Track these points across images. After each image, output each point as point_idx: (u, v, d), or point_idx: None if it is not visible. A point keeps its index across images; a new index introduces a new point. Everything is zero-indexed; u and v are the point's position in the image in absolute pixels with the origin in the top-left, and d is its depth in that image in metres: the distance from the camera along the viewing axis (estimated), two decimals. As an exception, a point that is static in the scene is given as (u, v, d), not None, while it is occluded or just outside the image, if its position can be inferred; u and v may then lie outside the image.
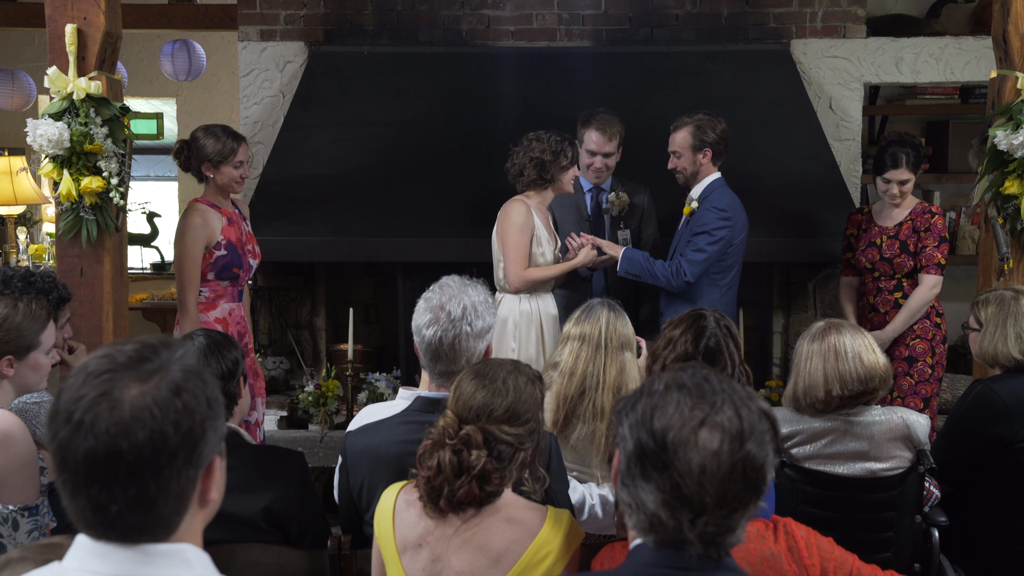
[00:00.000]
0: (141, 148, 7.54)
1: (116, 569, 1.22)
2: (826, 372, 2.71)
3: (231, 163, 3.87)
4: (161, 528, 1.24)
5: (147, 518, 1.22)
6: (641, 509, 1.40)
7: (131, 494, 1.20)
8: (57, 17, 3.56)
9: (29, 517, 2.43)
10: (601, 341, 2.82)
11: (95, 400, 1.20)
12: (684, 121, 4.13)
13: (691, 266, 4.01)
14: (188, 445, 1.22)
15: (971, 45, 5.40)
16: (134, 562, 1.22)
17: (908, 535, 2.87)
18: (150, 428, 1.19)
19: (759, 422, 1.40)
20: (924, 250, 4.19)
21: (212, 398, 1.26)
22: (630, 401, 1.45)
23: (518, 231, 3.97)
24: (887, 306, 4.28)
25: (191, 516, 1.27)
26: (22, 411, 2.71)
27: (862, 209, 4.47)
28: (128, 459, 1.18)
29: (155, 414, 1.20)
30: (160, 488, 1.21)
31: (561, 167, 3.99)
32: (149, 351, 1.25)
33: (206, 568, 1.28)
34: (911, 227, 4.23)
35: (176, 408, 1.21)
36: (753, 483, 1.38)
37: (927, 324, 4.22)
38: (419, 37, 5.51)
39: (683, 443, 1.37)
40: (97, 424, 1.19)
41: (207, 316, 3.86)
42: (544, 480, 2.22)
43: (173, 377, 1.23)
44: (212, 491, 1.29)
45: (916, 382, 4.20)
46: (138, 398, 1.20)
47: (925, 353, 4.21)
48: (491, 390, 2.07)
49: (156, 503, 1.21)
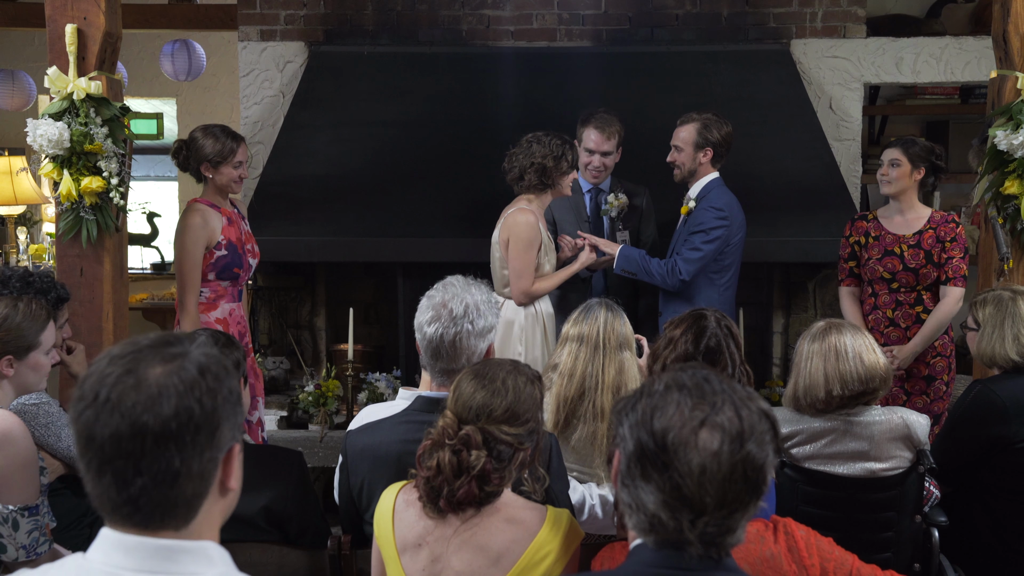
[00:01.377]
0: (141, 148, 7.54)
1: (140, 564, 1.24)
2: (827, 372, 2.70)
3: (230, 163, 3.85)
4: (182, 510, 1.25)
5: (169, 494, 1.23)
6: (641, 509, 1.40)
7: (156, 468, 1.21)
8: (57, 17, 3.56)
9: (29, 517, 2.43)
10: (599, 341, 2.81)
11: (120, 377, 1.22)
12: (692, 117, 4.11)
13: (687, 264, 4.00)
14: (211, 424, 1.24)
15: (971, 45, 5.40)
16: (158, 557, 1.24)
17: (908, 535, 2.87)
18: (176, 403, 1.22)
19: (759, 422, 1.40)
20: (950, 261, 3.97)
21: (232, 387, 1.29)
22: (630, 401, 1.45)
23: (526, 247, 3.92)
24: (908, 320, 4.05)
25: (211, 503, 1.28)
26: (21, 412, 2.71)
27: (866, 215, 4.20)
28: (154, 432, 1.21)
29: (180, 391, 1.22)
30: (183, 463, 1.23)
31: (562, 172, 3.97)
32: (171, 338, 1.29)
33: (227, 566, 1.29)
34: (934, 236, 4.01)
35: (200, 387, 1.24)
36: (753, 483, 1.38)
37: (945, 339, 4.05)
38: (419, 37, 5.51)
39: (683, 444, 1.37)
40: (124, 400, 1.21)
41: (207, 316, 3.86)
42: (544, 480, 2.22)
43: (197, 359, 1.26)
44: (232, 479, 1.31)
45: (931, 400, 4.04)
46: (163, 376, 1.23)
47: (943, 371, 4.05)
48: (490, 390, 2.07)
49: (179, 479, 1.23)
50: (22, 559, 2.42)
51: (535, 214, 3.97)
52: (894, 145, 4.09)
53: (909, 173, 4.03)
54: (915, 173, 4.04)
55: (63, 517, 2.77)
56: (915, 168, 4.04)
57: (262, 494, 2.45)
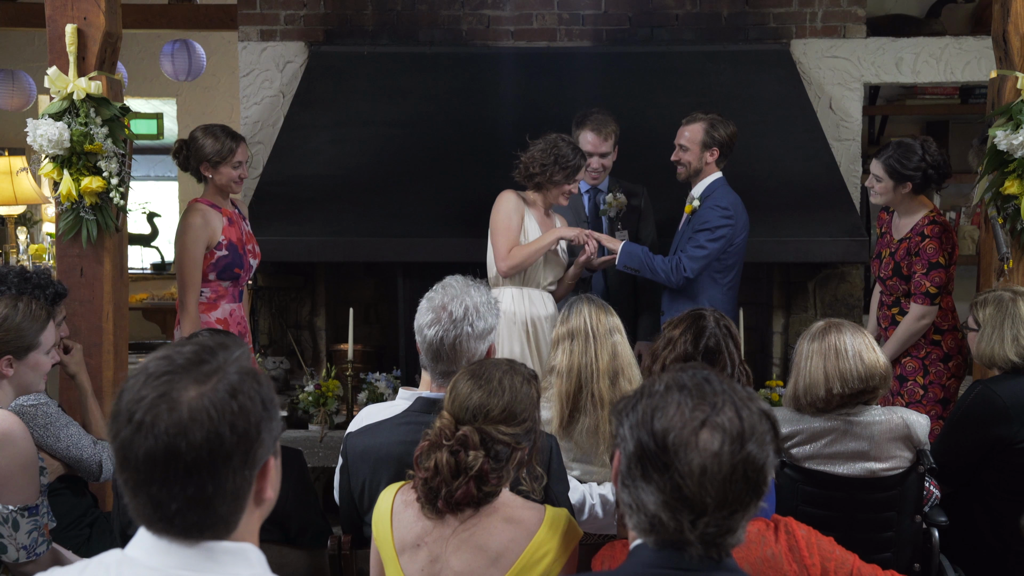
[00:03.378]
0: (141, 148, 7.54)
1: (181, 562, 1.26)
2: (827, 371, 2.70)
3: (230, 163, 3.85)
4: (221, 526, 1.28)
5: (205, 516, 1.26)
6: (642, 510, 1.40)
7: (189, 493, 1.23)
8: (57, 17, 3.56)
9: (29, 517, 2.43)
10: (588, 331, 2.84)
11: (155, 401, 1.24)
12: (698, 117, 4.09)
13: (691, 262, 3.99)
14: (244, 446, 1.26)
15: (971, 45, 5.39)
16: (199, 557, 1.26)
17: (908, 535, 2.87)
18: (207, 429, 1.23)
19: (760, 423, 1.40)
20: (913, 276, 3.85)
21: (267, 399, 1.30)
22: (631, 402, 1.45)
23: (505, 216, 3.96)
24: (886, 321, 4.02)
25: (248, 514, 1.31)
26: (20, 413, 2.71)
27: (888, 208, 4.07)
28: (186, 459, 1.22)
29: (212, 415, 1.24)
30: (217, 487, 1.25)
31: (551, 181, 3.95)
32: (207, 353, 1.29)
33: (264, 568, 1.33)
34: (907, 247, 3.88)
35: (232, 410, 1.25)
36: (754, 484, 1.38)
37: (922, 342, 3.88)
38: (419, 37, 5.51)
39: (684, 444, 1.37)
40: (157, 424, 1.23)
41: (208, 316, 3.86)
42: (542, 478, 2.22)
43: (230, 379, 1.27)
44: (268, 490, 1.33)
45: (907, 403, 3.85)
46: (196, 400, 1.24)
47: (916, 372, 3.90)
48: (487, 390, 2.07)
49: (213, 502, 1.25)
50: (22, 559, 2.42)
51: (518, 194, 4.01)
52: (879, 156, 3.91)
53: (892, 188, 3.88)
54: (900, 188, 3.87)
55: (63, 517, 2.77)
56: (898, 183, 3.86)
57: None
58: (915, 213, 3.93)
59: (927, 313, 3.84)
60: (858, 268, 5.29)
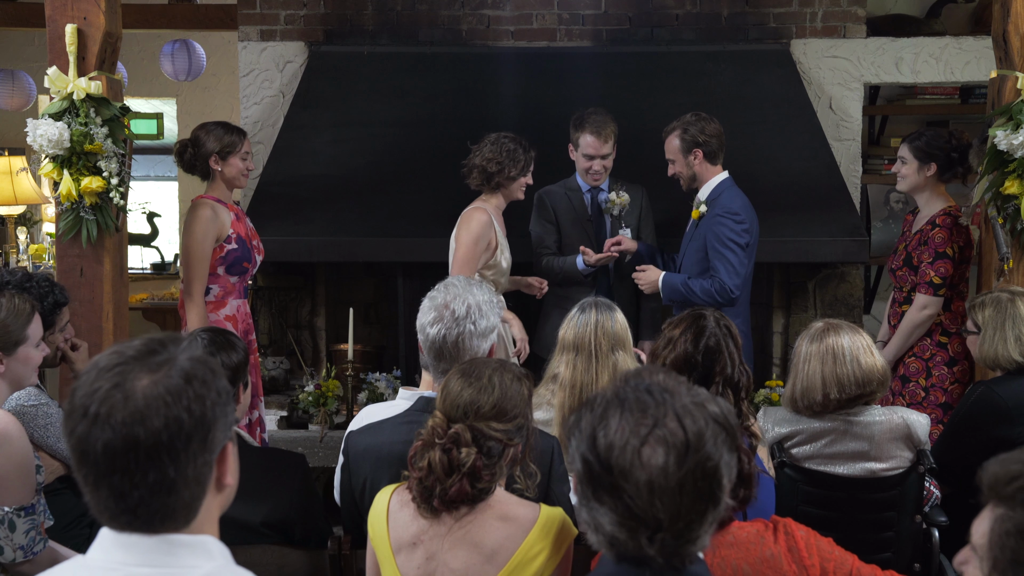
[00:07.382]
0: (141, 148, 7.53)
1: (140, 559, 1.25)
2: (824, 375, 2.70)
3: (238, 154, 3.90)
4: (182, 513, 1.27)
5: (168, 502, 1.25)
6: (600, 530, 1.39)
7: (151, 479, 1.23)
8: (57, 17, 3.56)
9: (26, 517, 2.43)
10: (592, 349, 2.87)
11: (109, 392, 1.24)
12: (672, 126, 4.07)
13: (733, 278, 3.91)
14: (202, 430, 1.26)
15: (971, 45, 5.39)
16: (158, 552, 1.26)
17: (908, 535, 2.87)
18: (164, 415, 1.23)
19: (707, 427, 1.37)
20: (920, 265, 3.89)
21: (221, 387, 1.30)
22: (576, 419, 1.43)
23: (473, 242, 3.92)
24: (895, 319, 4.01)
25: (209, 501, 1.31)
26: (19, 413, 2.71)
27: (915, 209, 4.12)
28: (146, 445, 1.23)
29: (168, 401, 1.24)
30: (179, 472, 1.25)
31: (508, 177, 3.97)
32: (156, 344, 1.30)
33: (226, 560, 1.31)
34: (919, 238, 3.93)
35: (188, 395, 1.25)
36: (706, 492, 1.36)
37: (926, 342, 3.90)
38: (419, 37, 5.51)
39: (628, 462, 1.34)
40: (113, 415, 1.23)
41: (217, 315, 3.87)
42: (536, 476, 2.22)
43: (182, 366, 1.27)
44: (227, 476, 1.33)
45: (908, 403, 3.85)
46: (150, 387, 1.24)
47: (918, 374, 3.89)
48: (477, 387, 2.09)
49: (176, 487, 1.25)
50: (20, 560, 2.42)
51: (488, 213, 3.98)
52: (904, 140, 4.02)
53: (917, 170, 3.94)
54: (924, 169, 3.94)
55: (62, 517, 2.77)
56: (923, 164, 3.93)
57: (266, 501, 2.44)
58: (934, 206, 3.97)
59: (929, 303, 3.84)
60: (858, 268, 5.29)
